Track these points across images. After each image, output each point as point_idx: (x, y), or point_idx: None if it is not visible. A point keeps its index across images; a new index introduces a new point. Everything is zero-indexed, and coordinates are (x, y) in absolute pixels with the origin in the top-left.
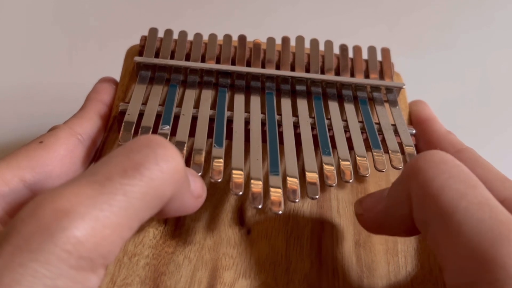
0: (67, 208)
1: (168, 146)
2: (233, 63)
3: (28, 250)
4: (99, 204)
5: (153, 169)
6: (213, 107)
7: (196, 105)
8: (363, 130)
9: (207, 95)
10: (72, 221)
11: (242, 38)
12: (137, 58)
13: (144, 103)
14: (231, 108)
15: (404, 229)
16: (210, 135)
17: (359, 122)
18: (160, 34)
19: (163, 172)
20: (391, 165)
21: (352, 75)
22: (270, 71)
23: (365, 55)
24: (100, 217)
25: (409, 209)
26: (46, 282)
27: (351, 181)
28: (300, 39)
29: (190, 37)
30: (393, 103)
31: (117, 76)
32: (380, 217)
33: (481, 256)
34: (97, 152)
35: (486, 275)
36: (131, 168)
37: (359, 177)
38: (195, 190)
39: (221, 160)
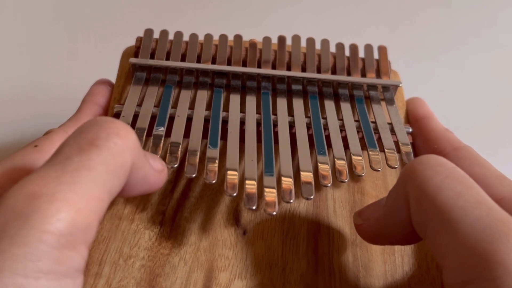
0: (37, 191)
1: (116, 120)
2: (229, 63)
3: (7, 237)
4: (65, 181)
5: (107, 140)
6: (208, 107)
7: (192, 106)
8: (359, 129)
9: (203, 95)
10: (45, 202)
11: (238, 38)
12: (133, 60)
13: (139, 105)
14: (226, 109)
15: (404, 235)
16: (205, 136)
17: (355, 121)
18: (156, 35)
19: (116, 143)
20: (387, 164)
21: (349, 73)
22: (266, 70)
23: (361, 54)
24: (70, 193)
25: (407, 214)
26: (28, 265)
27: (346, 180)
28: (296, 38)
29: (186, 38)
30: (390, 102)
31: (113, 78)
32: (380, 224)
33: (480, 254)
34: None
35: (485, 272)
36: (86, 144)
37: (355, 177)
38: (155, 165)
39: (216, 162)
